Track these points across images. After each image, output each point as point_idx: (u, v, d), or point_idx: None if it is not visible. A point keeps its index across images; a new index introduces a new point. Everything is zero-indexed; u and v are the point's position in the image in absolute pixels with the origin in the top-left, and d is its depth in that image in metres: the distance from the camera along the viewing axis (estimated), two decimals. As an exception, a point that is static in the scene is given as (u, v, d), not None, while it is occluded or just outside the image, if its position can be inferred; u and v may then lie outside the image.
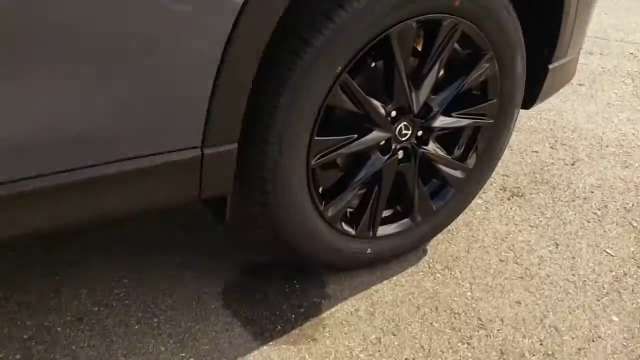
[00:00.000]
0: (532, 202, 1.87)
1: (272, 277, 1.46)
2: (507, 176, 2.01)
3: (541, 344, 1.35)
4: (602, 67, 3.05)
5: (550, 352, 1.33)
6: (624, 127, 2.42)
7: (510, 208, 1.84)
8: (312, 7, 1.12)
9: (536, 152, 2.19)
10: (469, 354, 1.31)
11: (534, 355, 1.32)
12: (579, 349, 1.35)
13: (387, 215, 1.48)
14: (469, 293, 1.47)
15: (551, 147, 2.22)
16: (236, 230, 1.42)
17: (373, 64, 1.27)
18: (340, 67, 1.17)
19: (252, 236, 1.36)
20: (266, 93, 1.13)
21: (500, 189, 1.93)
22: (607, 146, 2.26)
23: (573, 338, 1.37)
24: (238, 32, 0.98)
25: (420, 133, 1.41)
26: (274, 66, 1.11)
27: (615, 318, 1.44)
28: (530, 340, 1.36)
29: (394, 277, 1.50)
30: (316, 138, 1.23)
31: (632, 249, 1.70)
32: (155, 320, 1.32)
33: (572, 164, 2.12)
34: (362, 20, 1.15)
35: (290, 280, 1.45)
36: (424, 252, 1.60)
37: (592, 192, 1.96)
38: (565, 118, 2.46)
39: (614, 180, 2.03)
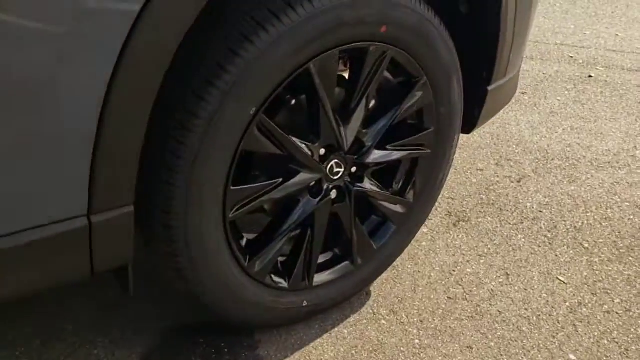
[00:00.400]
0: (480, 228, 1.77)
1: (197, 341, 1.30)
2: (452, 199, 1.90)
3: (496, 396, 1.23)
4: (543, 73, 3.01)
5: (506, 405, 1.21)
6: (569, 138, 2.36)
7: (457, 236, 1.72)
8: (215, 43, 0.97)
9: (481, 170, 2.09)
10: (419, 416, 1.17)
11: (489, 410, 1.20)
12: (537, 398, 1.23)
13: (323, 261, 1.34)
14: (416, 341, 1.35)
15: (496, 164, 2.13)
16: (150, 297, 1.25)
17: (293, 100, 1.13)
18: (254, 108, 1.03)
19: (170, 300, 1.20)
20: (166, 145, 0.97)
21: (446, 214, 1.82)
22: (552, 159, 2.19)
23: (530, 385, 1.26)
24: (120, 79, 0.82)
25: (353, 170, 1.28)
26: (172, 114, 0.96)
27: (572, 357, 1.34)
28: (484, 392, 1.24)
29: (335, 329, 1.36)
30: (232, 188, 1.07)
31: (585, 274, 1.61)
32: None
33: (519, 182, 2.03)
34: (276, 53, 1.00)
35: (217, 342, 1.29)
36: (368, 294, 1.47)
37: (540, 211, 1.87)
38: (509, 131, 2.38)
39: (562, 197, 1.95)
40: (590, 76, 3.04)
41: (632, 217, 1.87)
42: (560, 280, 1.58)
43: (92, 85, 0.81)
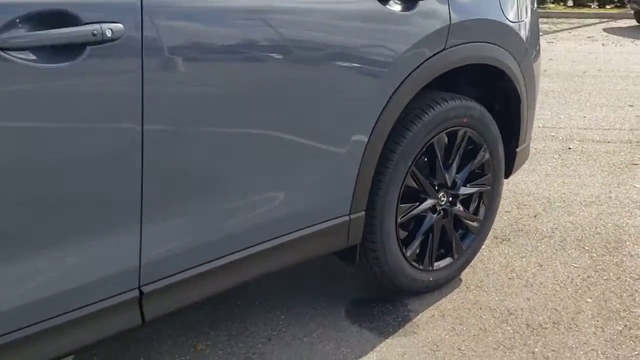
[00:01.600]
0: (517, 243, 2.73)
1: (370, 305, 2.21)
2: (495, 229, 2.87)
3: None
4: (535, 149, 4.07)
5: None
6: (562, 189, 3.38)
7: (503, 249, 2.68)
8: (399, 121, 1.97)
9: (508, 211, 3.08)
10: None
11: None
12: None
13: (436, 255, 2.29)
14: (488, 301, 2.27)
15: (517, 207, 3.13)
16: (358, 269, 2.18)
17: (425, 158, 2.14)
18: (410, 162, 2.03)
19: (365, 274, 2.14)
20: (379, 171, 1.94)
21: (494, 237, 2.78)
22: (554, 202, 3.19)
23: None
24: (375, 129, 1.82)
25: (451, 199, 2.26)
26: (381, 158, 1.94)
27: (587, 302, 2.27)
28: None
29: (448, 296, 2.28)
30: (400, 205, 2.05)
31: (588, 262, 2.56)
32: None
33: (535, 217, 3.02)
34: (423, 132, 2.02)
35: (384, 304, 2.21)
36: (459, 279, 2.40)
37: (553, 232, 2.84)
38: (521, 187, 3.39)
39: (564, 224, 2.93)
40: (569, 148, 4.12)
41: (613, 232, 2.85)
42: (574, 266, 2.53)
43: (372, 120, 1.80)
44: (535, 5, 2.50)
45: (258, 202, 1.65)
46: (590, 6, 14.80)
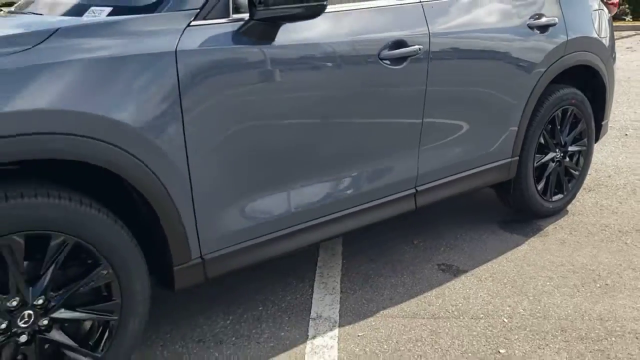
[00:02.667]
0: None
1: (517, 222, 3.40)
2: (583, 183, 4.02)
3: None
4: (599, 135, 5.21)
5: None
6: (626, 160, 4.53)
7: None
8: (537, 101, 3.19)
9: (589, 174, 4.24)
10: None
11: None
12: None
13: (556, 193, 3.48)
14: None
15: (595, 172, 4.28)
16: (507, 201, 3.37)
17: (550, 126, 3.34)
18: (542, 127, 3.23)
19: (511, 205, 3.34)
20: (525, 134, 3.14)
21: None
22: (621, 168, 4.34)
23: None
24: (526, 106, 3.03)
25: (562, 154, 3.45)
26: (528, 124, 3.15)
27: (657, 220, 3.43)
28: None
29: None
30: (536, 155, 3.24)
31: (654, 201, 3.72)
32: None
33: (609, 176, 4.17)
34: (548, 109, 3.23)
35: (526, 221, 3.39)
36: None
37: (625, 185, 3.99)
38: (594, 160, 4.55)
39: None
40: (626, 135, 5.26)
41: (669, 183, 3.99)
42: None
43: (525, 99, 3.01)
44: (611, 24, 3.69)
45: (471, 148, 2.88)
46: (624, 19, 15.84)
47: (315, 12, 2.05)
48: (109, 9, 2.01)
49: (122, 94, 1.81)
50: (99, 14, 2.00)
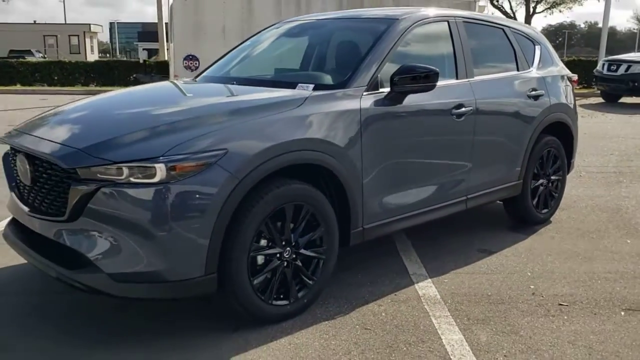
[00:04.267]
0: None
1: (519, 230, 4.99)
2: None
3: None
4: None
5: None
6: (582, 192, 6.25)
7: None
8: (534, 143, 4.84)
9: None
10: (580, 233, 4.90)
11: None
12: None
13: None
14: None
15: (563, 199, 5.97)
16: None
17: (540, 161, 5.00)
18: (535, 162, 4.89)
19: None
20: (529, 162, 4.77)
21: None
22: (580, 196, 6.06)
23: None
24: (528, 146, 4.67)
25: (547, 180, 5.10)
26: (529, 157, 4.79)
27: None
28: None
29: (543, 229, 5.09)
30: (532, 180, 4.88)
31: None
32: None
33: (573, 202, 5.86)
34: (539, 148, 4.90)
35: (523, 227, 4.99)
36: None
37: (585, 207, 5.68)
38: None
39: None
40: (580, 175, 7.03)
41: (605, 204, 5.71)
42: (601, 215, 5.35)
43: (527, 141, 4.66)
44: (574, 94, 5.43)
45: (497, 172, 4.48)
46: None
47: (428, 89, 3.63)
48: (312, 85, 3.53)
49: (334, 128, 3.32)
50: (307, 88, 3.52)
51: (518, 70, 4.77)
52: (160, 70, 16.43)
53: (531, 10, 38.55)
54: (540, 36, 5.28)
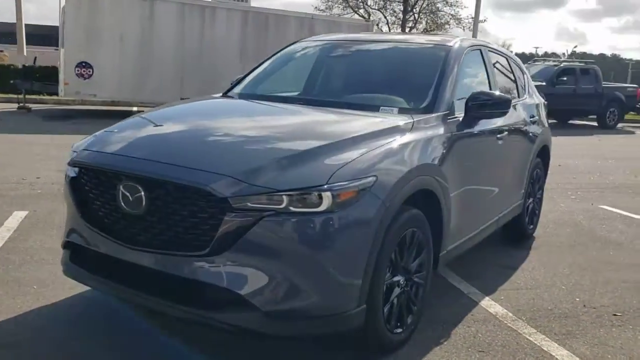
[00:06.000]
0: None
1: (518, 247, 5.35)
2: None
3: None
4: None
5: None
6: (553, 207, 6.87)
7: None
8: (533, 164, 5.23)
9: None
10: (568, 246, 5.38)
11: None
12: None
13: (530, 222, 5.53)
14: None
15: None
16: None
17: (531, 180, 5.41)
18: (531, 179, 5.29)
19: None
20: (530, 183, 5.15)
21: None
22: (551, 211, 6.64)
23: None
24: (530, 165, 5.05)
25: (533, 199, 5.54)
26: (530, 176, 5.17)
27: None
28: None
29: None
30: (528, 200, 5.26)
31: None
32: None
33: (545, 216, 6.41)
34: (533, 166, 5.31)
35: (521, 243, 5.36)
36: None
37: (553, 225, 6.24)
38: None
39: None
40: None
41: (568, 217, 6.34)
42: (577, 232, 5.90)
43: (528, 162, 5.03)
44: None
45: (514, 194, 4.79)
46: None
47: (502, 115, 3.83)
48: (396, 109, 3.54)
49: (435, 152, 3.36)
50: (391, 110, 3.52)
51: (519, 96, 5.14)
52: (46, 77, 14.51)
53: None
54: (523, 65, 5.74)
